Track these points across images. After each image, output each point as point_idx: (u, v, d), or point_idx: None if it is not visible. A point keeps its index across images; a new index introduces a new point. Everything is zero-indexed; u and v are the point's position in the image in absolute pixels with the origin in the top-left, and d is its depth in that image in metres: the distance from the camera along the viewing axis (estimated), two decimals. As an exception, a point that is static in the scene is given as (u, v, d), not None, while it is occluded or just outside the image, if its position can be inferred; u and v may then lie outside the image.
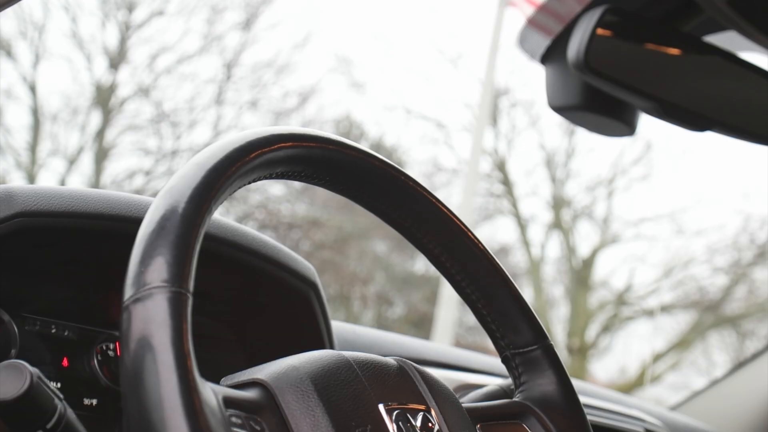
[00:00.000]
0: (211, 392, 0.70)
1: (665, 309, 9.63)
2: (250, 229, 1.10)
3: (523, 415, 0.95)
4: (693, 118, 1.24)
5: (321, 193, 10.25)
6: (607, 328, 9.88)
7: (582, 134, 10.31)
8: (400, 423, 0.81)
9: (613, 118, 1.26)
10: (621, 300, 9.95)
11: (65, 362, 1.06)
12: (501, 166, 10.10)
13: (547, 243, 10.11)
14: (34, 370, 0.76)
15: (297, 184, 10.03)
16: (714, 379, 2.22)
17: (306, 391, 0.78)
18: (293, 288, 1.14)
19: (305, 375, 0.79)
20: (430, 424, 0.83)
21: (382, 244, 10.70)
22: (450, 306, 7.51)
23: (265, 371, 0.80)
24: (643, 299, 9.93)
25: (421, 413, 0.84)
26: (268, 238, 1.11)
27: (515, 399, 0.97)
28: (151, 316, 0.66)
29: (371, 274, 10.39)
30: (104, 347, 1.10)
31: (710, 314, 9.44)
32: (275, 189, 9.23)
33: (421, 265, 10.67)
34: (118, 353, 1.08)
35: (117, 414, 1.07)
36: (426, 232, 0.93)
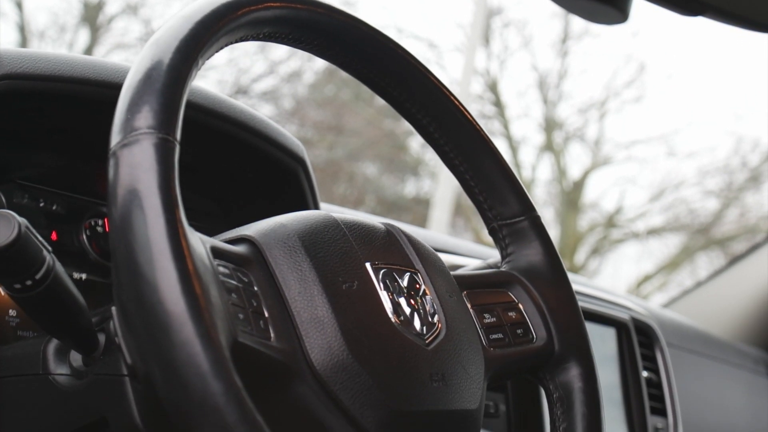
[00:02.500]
0: (199, 241, 0.70)
1: (655, 232, 9.68)
2: (239, 102, 1.10)
3: (509, 284, 0.96)
4: (684, 1, 1.22)
5: (312, 114, 10.20)
6: (596, 251, 9.93)
7: (575, 56, 10.24)
8: (386, 281, 0.81)
9: (605, 3, 1.25)
10: (611, 222, 9.98)
11: (54, 236, 1.06)
12: (493, 87, 10.05)
13: (538, 165, 10.11)
14: (22, 220, 0.75)
15: (287, 104, 9.99)
16: (699, 280, 2.24)
17: (293, 247, 0.78)
18: (281, 164, 1.13)
19: (293, 232, 0.79)
20: (417, 285, 0.84)
21: (372, 167, 10.69)
22: (440, 230, 7.53)
23: (253, 228, 0.81)
24: (633, 222, 9.97)
25: (408, 274, 0.84)
26: (257, 112, 1.11)
27: (502, 269, 0.98)
28: (138, 162, 0.66)
29: (361, 197, 10.40)
30: (93, 223, 1.10)
31: (700, 237, 9.49)
32: (265, 110, 9.18)
33: (412, 188, 10.68)
34: (107, 229, 1.09)
35: (106, 288, 1.08)
36: (414, 102, 0.92)
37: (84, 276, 1.08)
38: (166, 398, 0.63)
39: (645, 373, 1.50)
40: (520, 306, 0.95)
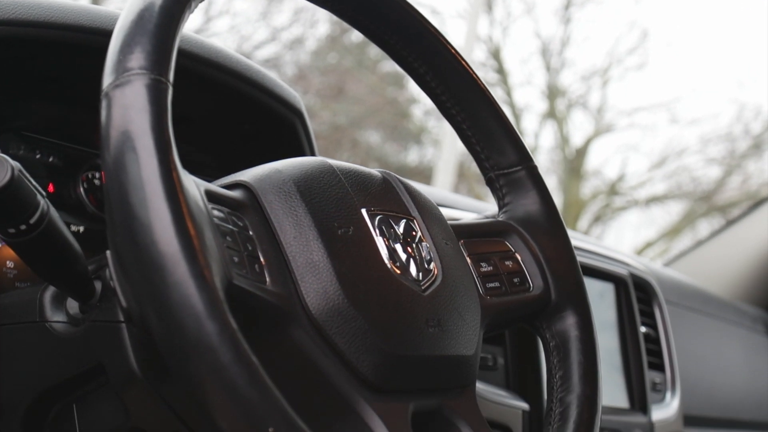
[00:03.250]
0: (192, 183, 0.70)
1: (657, 199, 9.67)
2: (235, 52, 1.09)
3: (505, 234, 0.96)
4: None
5: (314, 82, 10.16)
6: (599, 218, 9.94)
7: (578, 23, 10.18)
8: (382, 227, 0.81)
9: None
10: (613, 190, 9.98)
11: (51, 188, 1.06)
12: (496, 55, 10.01)
13: (540, 132, 10.09)
14: (15, 163, 0.75)
15: (289, 71, 9.94)
16: (699, 239, 2.24)
17: (289, 192, 0.78)
18: (278, 115, 1.13)
19: (288, 177, 0.79)
20: (413, 233, 0.84)
21: (375, 134, 10.67)
22: (443, 195, 7.51)
23: (248, 174, 0.80)
24: (636, 189, 9.96)
25: (404, 220, 0.84)
26: (253, 62, 1.10)
27: (499, 218, 0.98)
28: (131, 102, 0.65)
29: (364, 165, 10.38)
30: (90, 175, 1.10)
31: (702, 204, 9.49)
32: (268, 76, 9.12)
33: (415, 156, 10.66)
34: (104, 181, 1.09)
35: (103, 239, 1.08)
36: (411, 50, 0.92)
37: (81, 228, 1.08)
38: (160, 340, 0.63)
39: (643, 329, 1.50)
40: (517, 255, 0.95)
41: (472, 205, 1.47)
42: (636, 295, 1.50)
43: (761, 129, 9.44)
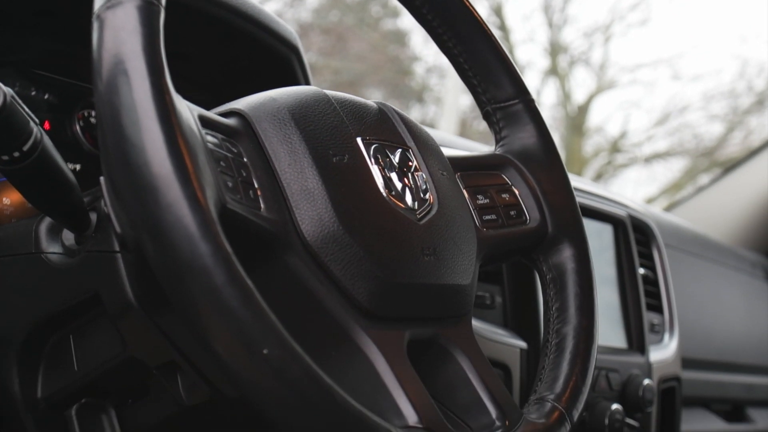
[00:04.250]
0: (186, 107, 0.69)
1: (659, 156, 9.65)
2: (229, -12, 1.08)
3: (502, 167, 0.96)
4: None
5: (316, 39, 10.11)
6: (601, 175, 9.91)
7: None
8: (378, 156, 0.81)
9: None
10: (615, 147, 9.95)
11: (47, 125, 1.05)
12: (497, 11, 9.93)
13: (543, 90, 10.03)
14: (8, 89, 0.75)
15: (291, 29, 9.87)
16: (699, 186, 2.24)
17: (283, 119, 0.78)
18: (274, 51, 1.12)
19: (283, 105, 0.79)
20: (409, 162, 0.84)
21: (377, 93, 10.63)
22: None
23: (242, 102, 0.80)
24: (638, 146, 9.93)
25: (400, 150, 0.84)
26: (248, -2, 1.09)
27: (495, 152, 0.97)
28: (122, 24, 0.65)
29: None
30: (86, 114, 1.09)
31: (703, 160, 9.46)
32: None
33: (417, 114, 10.62)
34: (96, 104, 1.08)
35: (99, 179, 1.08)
36: None
37: (78, 167, 1.08)
38: (155, 263, 0.63)
39: (642, 271, 1.50)
40: (514, 188, 0.95)
41: (471, 147, 1.46)
42: (635, 237, 1.50)
43: (764, 85, 9.38)
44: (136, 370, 0.83)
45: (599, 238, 1.43)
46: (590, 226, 1.40)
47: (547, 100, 10.10)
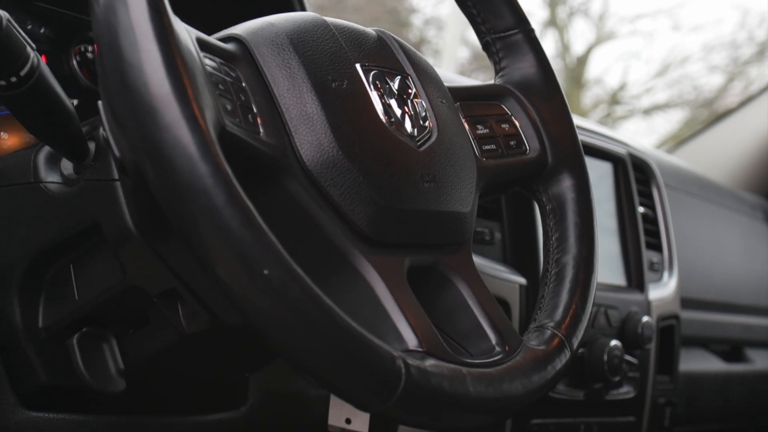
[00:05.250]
0: (184, 30, 0.69)
1: (659, 108, 9.62)
2: None
3: (502, 97, 0.95)
4: None
5: (312, -8, 10.03)
6: (600, 127, 9.88)
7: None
8: (377, 83, 0.81)
9: None
10: (615, 99, 9.91)
11: (44, 59, 1.05)
12: (496, -39, 9.84)
13: (541, 41, 9.97)
14: (4, 13, 0.74)
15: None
16: (699, 128, 2.24)
17: (282, 44, 0.77)
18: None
19: (281, 31, 0.78)
20: (408, 89, 0.83)
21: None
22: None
23: (240, 27, 0.79)
24: (638, 98, 9.89)
25: (399, 77, 0.83)
26: None
27: (495, 82, 0.97)
28: None
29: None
30: (83, 48, 1.08)
31: (703, 110, 9.44)
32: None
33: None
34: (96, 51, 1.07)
35: (97, 113, 1.07)
36: None
37: (76, 101, 1.07)
38: (154, 185, 0.63)
39: (641, 209, 1.50)
40: (514, 118, 0.95)
41: (467, 81, 1.45)
42: (634, 175, 1.49)
43: (765, 35, 9.33)
44: (137, 298, 0.83)
45: (599, 177, 1.43)
46: (590, 164, 1.38)
47: (546, 51, 10.04)
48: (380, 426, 1.15)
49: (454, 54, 7.40)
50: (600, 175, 1.43)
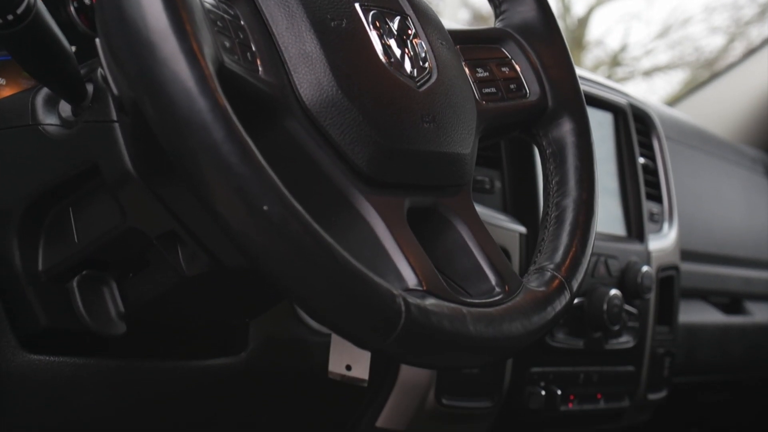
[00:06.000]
0: None
1: (660, 69, 9.58)
2: None
3: (502, 41, 0.95)
4: None
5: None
6: (600, 89, 9.85)
7: None
8: (376, 23, 0.80)
9: None
10: (615, 61, 9.87)
11: (41, 5, 1.04)
12: None
13: (542, 2, 9.91)
14: None
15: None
16: (701, 82, 2.23)
17: None
18: None
19: None
20: (408, 30, 0.82)
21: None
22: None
23: None
24: (639, 60, 9.85)
25: (399, 17, 0.83)
26: None
27: (495, 26, 0.96)
28: None
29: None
30: (80, -5, 1.08)
31: (704, 71, 9.40)
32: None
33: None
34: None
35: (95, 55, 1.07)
36: None
37: (74, 48, 1.07)
38: (153, 122, 0.63)
39: (642, 160, 1.50)
40: (514, 62, 0.94)
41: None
42: (635, 126, 1.49)
43: (768, -5, 9.27)
44: (136, 240, 0.83)
45: (599, 127, 1.42)
46: (590, 114, 1.37)
47: (546, 13, 9.97)
48: (380, 374, 1.16)
49: (455, 15, 7.37)
50: (600, 125, 1.42)
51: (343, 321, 0.65)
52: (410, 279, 0.73)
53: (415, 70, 0.81)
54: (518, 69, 0.94)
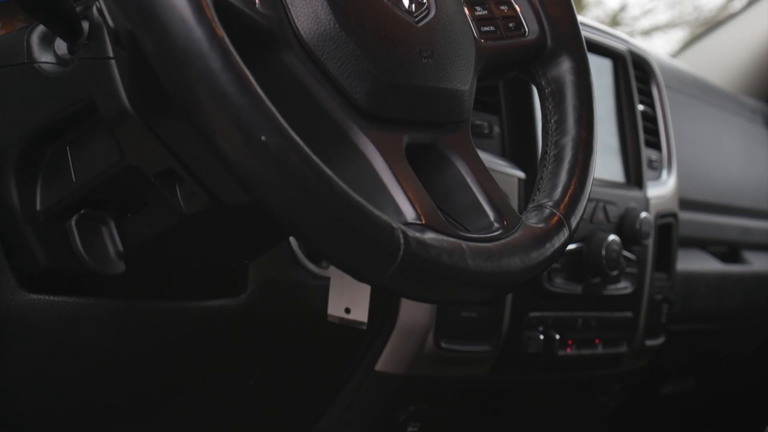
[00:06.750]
0: None
1: (659, 29, 9.53)
2: None
3: None
4: None
5: None
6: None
7: None
8: None
9: None
10: (615, 21, 9.80)
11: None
12: None
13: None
14: None
15: None
16: (699, 32, 2.21)
17: None
18: None
19: None
20: None
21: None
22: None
23: None
24: (638, 20, 9.79)
25: None
26: None
27: None
28: None
29: None
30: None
31: (702, 29, 9.35)
32: None
33: None
34: None
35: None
36: None
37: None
38: (151, 54, 0.62)
39: (641, 107, 1.49)
40: (513, 1, 0.93)
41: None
42: (634, 73, 1.48)
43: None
44: (135, 179, 0.83)
45: (598, 73, 1.41)
46: (589, 60, 1.38)
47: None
48: (379, 318, 1.16)
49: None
50: (599, 71, 1.41)
51: (341, 253, 0.65)
52: (409, 213, 0.73)
53: (413, 5, 0.80)
54: (517, 8, 0.93)
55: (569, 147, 0.89)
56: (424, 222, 0.72)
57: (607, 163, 1.41)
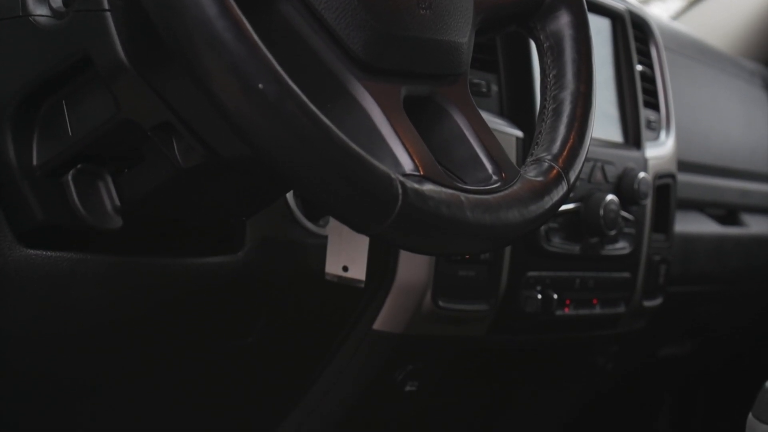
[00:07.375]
0: None
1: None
2: None
3: None
4: None
5: None
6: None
7: None
8: None
9: None
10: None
11: None
12: None
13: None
14: None
15: None
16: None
17: None
18: None
19: None
20: None
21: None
22: None
23: None
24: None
25: None
26: None
27: None
28: None
29: None
30: None
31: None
32: None
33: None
34: None
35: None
36: None
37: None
38: (146, 2, 0.62)
39: (639, 67, 1.48)
40: None
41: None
42: (633, 33, 1.47)
43: None
44: (131, 132, 0.83)
45: (597, 33, 1.39)
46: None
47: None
48: (377, 276, 1.16)
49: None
50: (598, 31, 1.40)
51: (338, 203, 0.65)
52: (407, 164, 0.72)
53: None
54: None
55: (568, 101, 0.88)
56: (422, 173, 0.72)
57: (605, 124, 1.41)
